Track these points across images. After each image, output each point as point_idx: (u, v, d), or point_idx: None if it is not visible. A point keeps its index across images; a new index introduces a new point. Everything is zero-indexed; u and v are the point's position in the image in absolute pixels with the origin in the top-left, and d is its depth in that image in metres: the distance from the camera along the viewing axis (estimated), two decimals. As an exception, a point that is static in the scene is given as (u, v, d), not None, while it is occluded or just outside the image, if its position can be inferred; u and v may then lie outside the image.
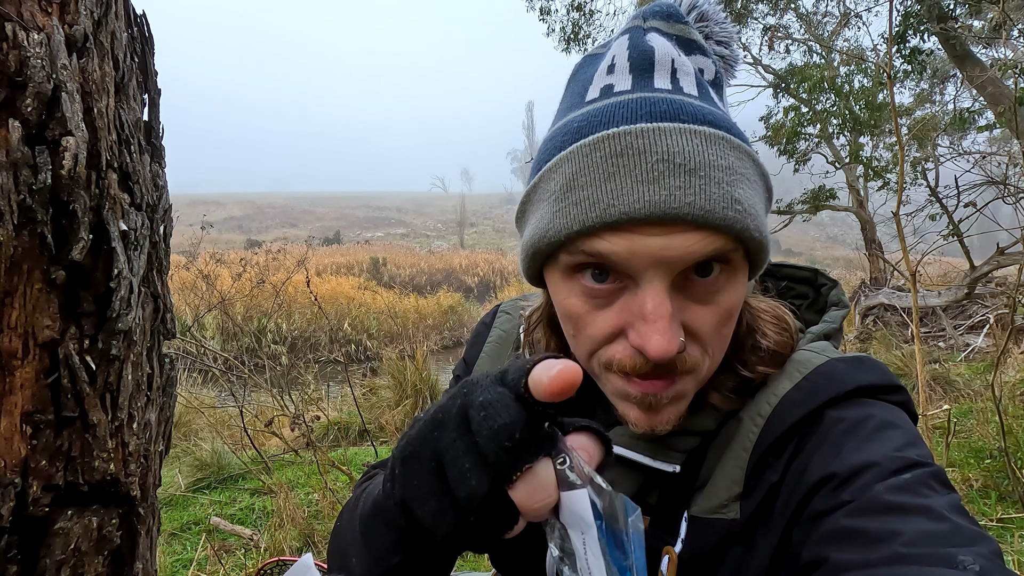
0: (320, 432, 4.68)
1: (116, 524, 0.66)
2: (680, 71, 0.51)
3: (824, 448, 0.49)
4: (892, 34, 3.72)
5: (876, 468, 0.45)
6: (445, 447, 0.38)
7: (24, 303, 0.57)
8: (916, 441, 0.48)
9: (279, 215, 53.21)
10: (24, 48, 0.55)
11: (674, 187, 0.46)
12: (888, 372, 0.55)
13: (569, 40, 9.80)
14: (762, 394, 0.56)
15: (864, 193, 9.61)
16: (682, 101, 0.49)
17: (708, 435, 0.58)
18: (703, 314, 0.50)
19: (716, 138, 0.48)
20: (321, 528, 3.00)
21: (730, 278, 0.51)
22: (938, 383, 5.00)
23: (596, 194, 0.47)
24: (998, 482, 3.02)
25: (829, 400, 0.52)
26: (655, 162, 0.46)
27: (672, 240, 0.46)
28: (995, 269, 6.56)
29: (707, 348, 0.52)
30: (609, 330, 0.51)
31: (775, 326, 0.59)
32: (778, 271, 0.72)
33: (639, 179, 0.46)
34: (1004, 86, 6.47)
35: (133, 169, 0.68)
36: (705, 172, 0.46)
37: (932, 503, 0.42)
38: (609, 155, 0.47)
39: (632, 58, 0.51)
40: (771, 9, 9.74)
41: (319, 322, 11.50)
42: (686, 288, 0.50)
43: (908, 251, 2.94)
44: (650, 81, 0.50)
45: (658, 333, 0.47)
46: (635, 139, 0.47)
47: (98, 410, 0.63)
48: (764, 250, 0.51)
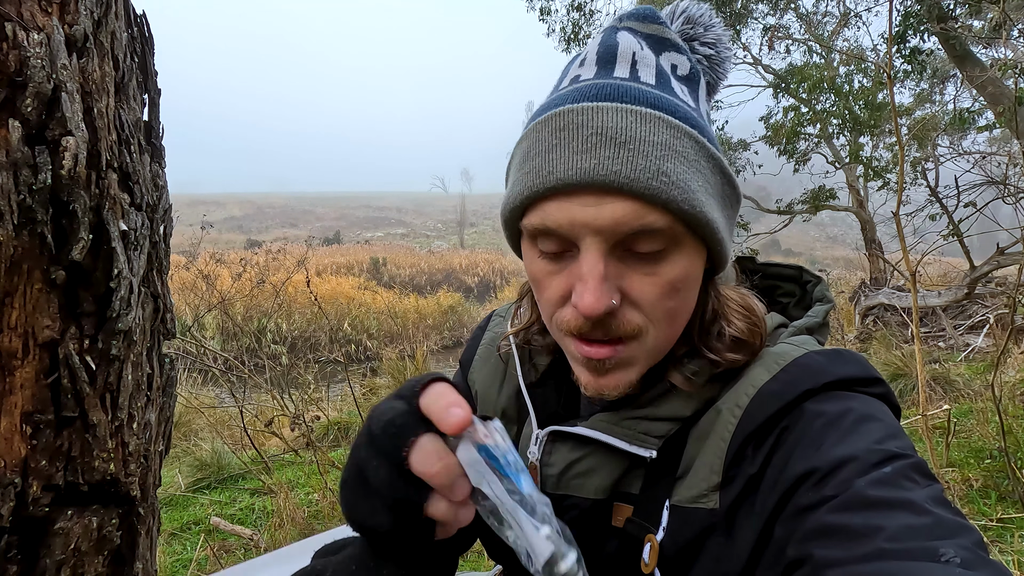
0: (320, 432, 4.68)
1: (116, 524, 0.66)
2: (640, 63, 0.56)
3: (805, 442, 0.50)
4: (892, 34, 3.72)
5: (857, 462, 0.46)
6: (361, 459, 0.44)
7: (24, 303, 0.57)
8: (897, 433, 0.49)
9: (279, 215, 53.20)
10: (24, 48, 0.55)
11: (604, 157, 0.51)
12: (867, 364, 0.56)
13: (569, 40, 9.80)
14: (740, 385, 0.57)
15: (864, 193, 9.61)
16: (629, 86, 0.54)
17: (686, 423, 0.59)
18: (643, 283, 0.54)
19: (652, 117, 0.52)
20: (321, 528, 3.00)
21: (673, 254, 0.54)
22: (938, 383, 5.00)
23: (541, 163, 0.53)
24: (998, 482, 3.02)
25: (806, 392, 0.53)
26: (589, 135, 0.51)
27: (603, 209, 0.51)
28: (995, 269, 6.56)
29: (649, 317, 0.55)
30: (560, 293, 0.56)
31: (741, 314, 0.60)
32: (765, 270, 0.74)
33: (575, 150, 0.51)
34: (1004, 86, 6.47)
35: (133, 169, 0.68)
36: (635, 146, 0.51)
37: (913, 496, 0.42)
38: (554, 129, 0.53)
39: (599, 52, 0.57)
40: (771, 9, 9.74)
41: (319, 322, 11.50)
42: (627, 260, 0.54)
43: (908, 251, 2.94)
44: (611, 71, 0.56)
45: (588, 291, 0.52)
46: (576, 116, 0.52)
47: (98, 410, 0.63)
48: (708, 227, 0.54)
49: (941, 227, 6.26)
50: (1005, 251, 6.23)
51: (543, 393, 0.71)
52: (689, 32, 0.62)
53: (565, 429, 0.63)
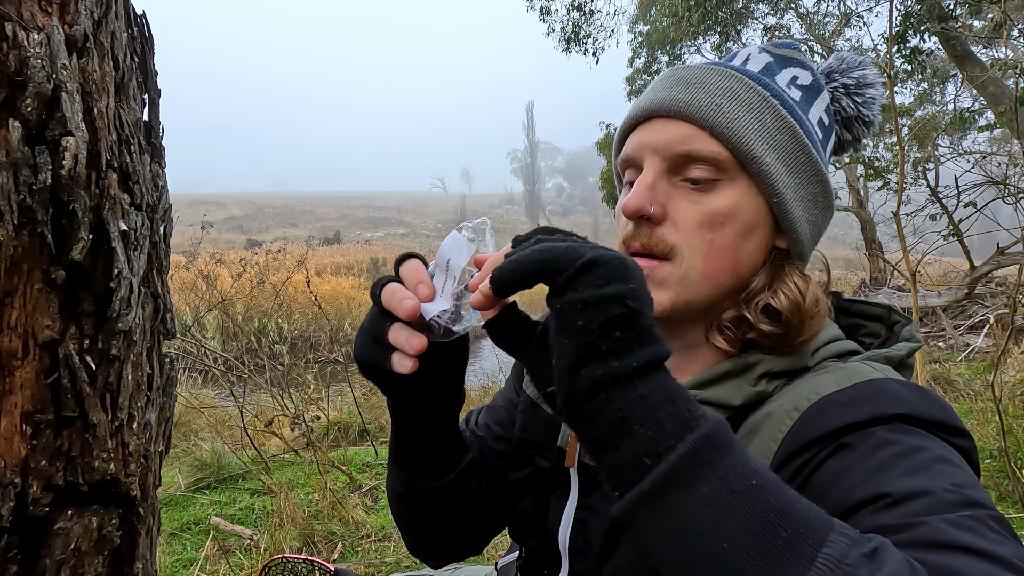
0: (320, 432, 4.67)
1: (116, 524, 0.66)
2: (752, 59, 0.67)
3: (871, 465, 0.46)
4: (892, 34, 3.72)
5: (932, 498, 0.41)
6: (362, 327, 0.57)
7: (24, 303, 0.57)
8: (977, 485, 0.44)
9: (279, 215, 53.21)
10: (24, 48, 0.55)
11: (676, 91, 0.61)
12: (952, 412, 0.52)
13: (569, 40, 9.80)
14: (801, 387, 0.56)
15: (864, 193, 9.62)
16: (730, 64, 0.66)
17: (737, 415, 0.58)
18: (688, 206, 0.60)
19: (728, 73, 0.62)
20: (321, 528, 3.00)
21: (724, 188, 0.60)
22: (938, 383, 5.00)
23: (634, 105, 0.66)
24: (998, 482, 3.01)
25: (880, 416, 0.49)
26: (675, 80, 0.63)
27: (663, 131, 0.61)
28: (995, 269, 6.56)
29: (686, 242, 0.60)
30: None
31: (790, 290, 0.61)
32: (850, 307, 0.71)
33: (659, 88, 0.63)
34: (1004, 86, 6.47)
35: (133, 169, 0.68)
36: (701, 85, 0.61)
37: (1000, 550, 0.37)
38: (658, 80, 0.66)
39: (729, 56, 0.70)
40: (771, 9, 9.74)
41: (319, 322, 11.49)
42: (680, 185, 0.61)
43: (908, 251, 2.94)
44: (730, 62, 0.68)
45: (633, 195, 0.59)
46: (672, 72, 0.65)
47: (98, 410, 0.63)
48: (757, 166, 0.59)
49: (941, 227, 6.27)
50: (1005, 251, 6.23)
51: None
52: (834, 66, 0.71)
53: None
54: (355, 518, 3.09)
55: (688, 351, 0.65)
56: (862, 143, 0.72)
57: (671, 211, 0.60)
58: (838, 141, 0.71)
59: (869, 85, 0.69)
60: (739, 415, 0.58)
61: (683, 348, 0.66)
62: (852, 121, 0.70)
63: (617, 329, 0.39)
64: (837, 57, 0.71)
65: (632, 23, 11.38)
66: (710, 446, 0.37)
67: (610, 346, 0.38)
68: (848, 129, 0.71)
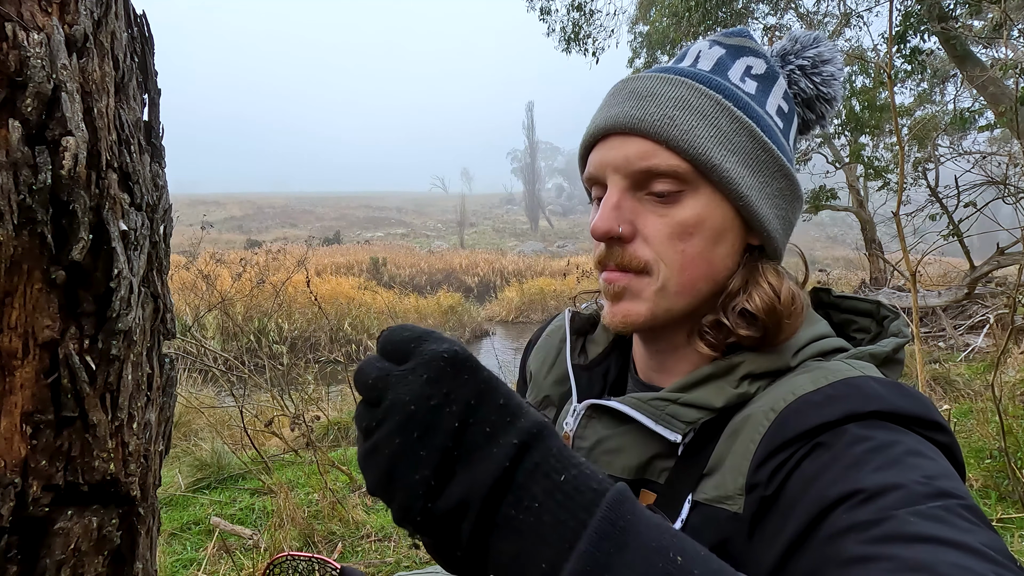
0: (320, 432, 4.67)
1: (116, 524, 0.66)
2: (703, 57, 0.65)
3: (844, 462, 0.46)
4: (892, 34, 3.72)
5: (903, 491, 0.41)
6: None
7: (24, 303, 0.57)
8: (951, 475, 0.44)
9: (279, 215, 53.20)
10: (24, 48, 0.55)
11: (628, 107, 0.60)
12: (931, 406, 0.51)
13: (569, 40, 9.80)
14: (779, 388, 0.56)
15: (864, 193, 9.62)
16: (679, 67, 0.64)
17: (720, 418, 0.58)
18: (656, 221, 0.60)
19: (677, 81, 0.61)
20: (321, 528, 3.00)
21: (688, 198, 0.60)
22: (938, 383, 5.00)
23: (591, 121, 0.65)
24: (998, 482, 3.02)
25: (854, 414, 0.49)
26: (627, 95, 0.62)
27: (620, 149, 0.60)
28: (995, 269, 6.56)
29: (660, 256, 0.60)
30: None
31: (764, 291, 0.60)
32: (840, 304, 0.72)
33: (612, 104, 0.62)
34: (1004, 86, 6.47)
35: (133, 169, 0.68)
36: (652, 98, 0.60)
37: (968, 539, 0.36)
38: (610, 94, 0.65)
39: (680, 55, 0.69)
40: (771, 9, 9.74)
41: (319, 322, 11.49)
42: (645, 200, 0.61)
43: (908, 251, 2.94)
44: (680, 62, 0.67)
45: (600, 217, 0.60)
46: (624, 84, 0.64)
47: (98, 410, 0.63)
48: (718, 174, 0.58)
49: (941, 227, 6.27)
50: (1005, 251, 6.23)
51: (589, 377, 0.74)
52: (788, 47, 0.70)
53: (600, 402, 0.64)
54: (355, 518, 3.09)
55: (675, 352, 0.66)
56: (827, 119, 0.71)
57: (640, 227, 0.60)
58: (802, 122, 0.70)
59: (826, 62, 0.68)
60: (723, 417, 0.58)
61: (669, 349, 0.66)
62: (813, 101, 0.69)
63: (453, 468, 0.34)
64: (790, 37, 0.70)
65: (632, 23, 11.38)
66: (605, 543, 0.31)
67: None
68: (810, 109, 0.70)
